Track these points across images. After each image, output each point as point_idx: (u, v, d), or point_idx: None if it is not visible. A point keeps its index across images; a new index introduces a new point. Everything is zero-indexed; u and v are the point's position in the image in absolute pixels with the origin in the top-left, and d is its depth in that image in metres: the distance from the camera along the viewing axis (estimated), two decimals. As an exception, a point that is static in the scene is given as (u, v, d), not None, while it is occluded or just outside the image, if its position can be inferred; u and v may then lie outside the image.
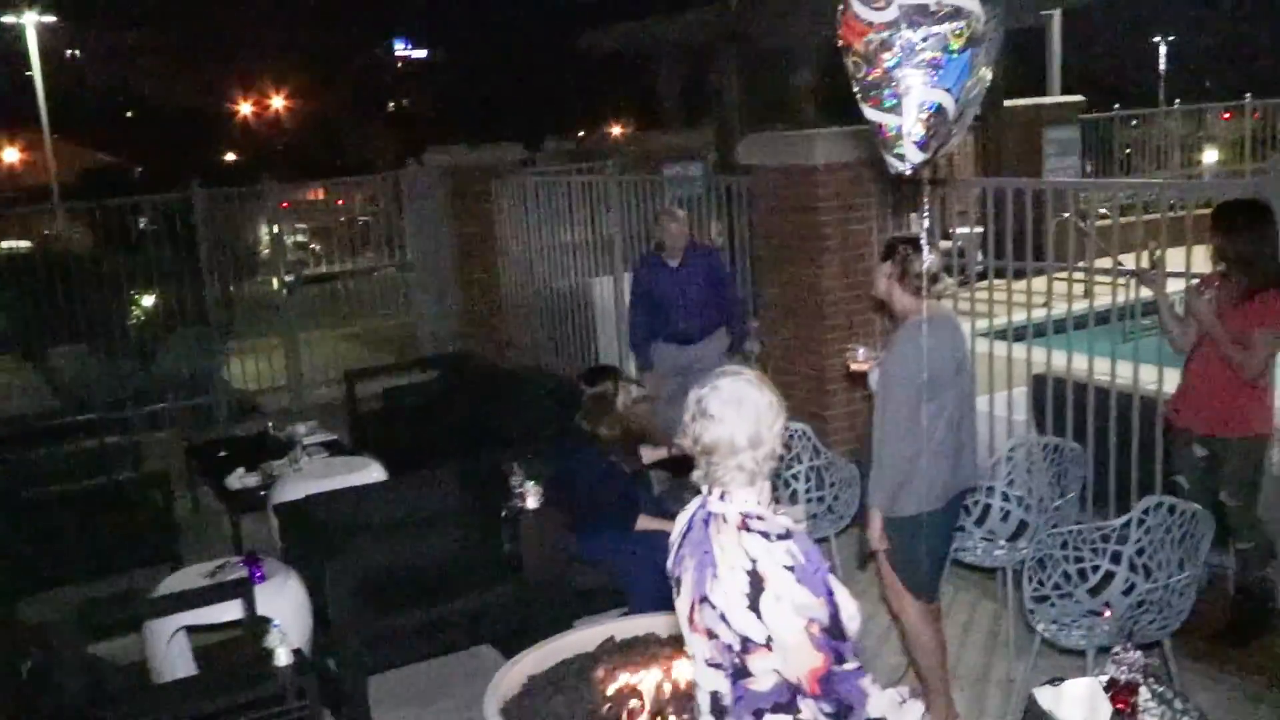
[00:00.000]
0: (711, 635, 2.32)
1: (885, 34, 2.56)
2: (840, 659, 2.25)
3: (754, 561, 2.25)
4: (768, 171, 6.62)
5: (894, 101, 2.62)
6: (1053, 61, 14.12)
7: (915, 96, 2.59)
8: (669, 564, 2.47)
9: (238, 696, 4.13)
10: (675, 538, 2.47)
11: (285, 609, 4.71)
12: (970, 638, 5.19)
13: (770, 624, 2.23)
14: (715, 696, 2.36)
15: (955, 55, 2.57)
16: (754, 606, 2.23)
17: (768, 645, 2.24)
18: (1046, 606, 4.33)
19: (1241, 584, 4.79)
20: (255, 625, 4.42)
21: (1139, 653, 3.33)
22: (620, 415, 5.45)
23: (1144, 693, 3.32)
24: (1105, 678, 3.35)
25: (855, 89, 2.73)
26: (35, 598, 5.91)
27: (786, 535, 2.29)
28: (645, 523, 5.25)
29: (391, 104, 53.93)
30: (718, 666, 2.34)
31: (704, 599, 2.31)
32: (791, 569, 2.23)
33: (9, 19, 29.62)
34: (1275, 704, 4.34)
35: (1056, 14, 13.81)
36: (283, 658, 4.21)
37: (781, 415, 2.40)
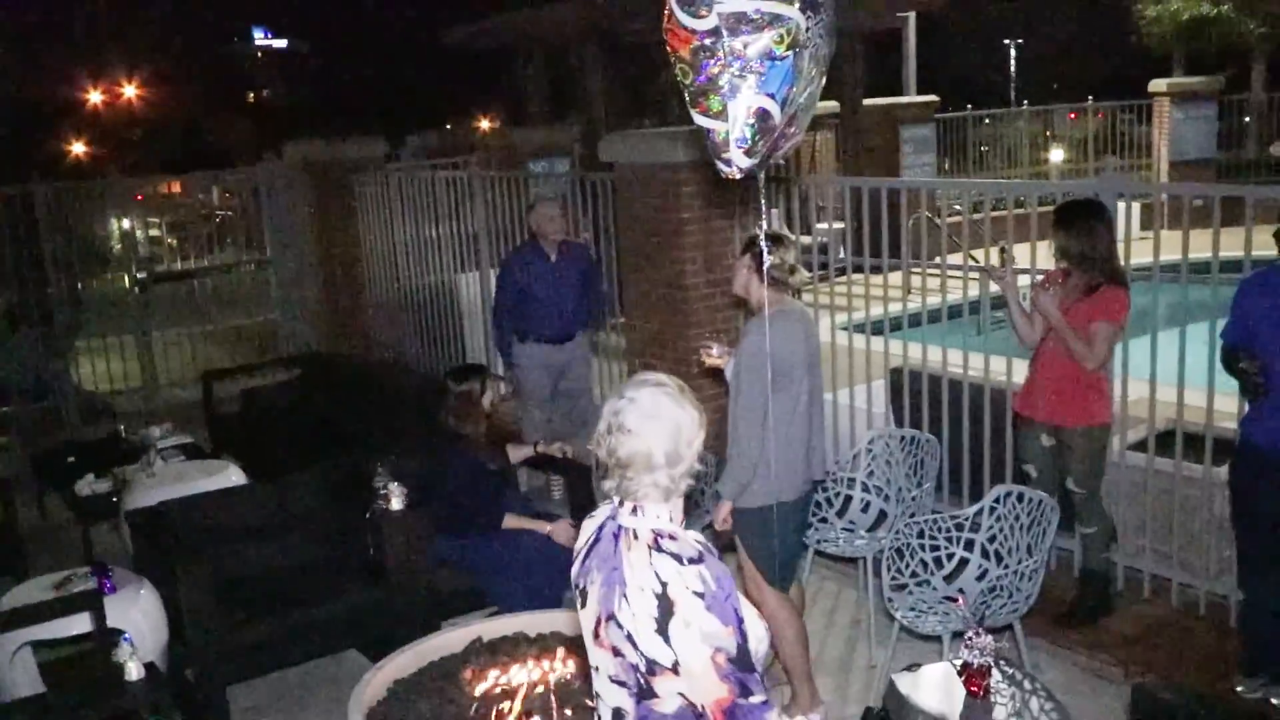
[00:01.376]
0: (617, 653, 2.26)
1: (708, 41, 2.59)
2: (746, 692, 2.21)
3: (664, 585, 2.19)
4: (631, 168, 6.64)
5: (720, 106, 2.65)
6: (908, 62, 14.55)
7: (740, 102, 2.63)
8: (573, 572, 2.40)
9: (87, 714, 3.98)
10: (581, 545, 2.40)
11: (138, 620, 4.55)
12: (833, 626, 5.31)
13: (678, 650, 2.18)
14: (618, 713, 2.31)
15: (777, 62, 2.61)
16: (662, 631, 2.18)
17: (674, 669, 2.19)
18: (904, 594, 4.46)
19: (1085, 567, 5.01)
20: (105, 638, 4.26)
21: (990, 637, 3.45)
22: (486, 414, 5.41)
23: (996, 675, 3.45)
24: (959, 662, 3.46)
25: (686, 95, 2.76)
26: None
27: (699, 559, 2.22)
28: (512, 521, 5.23)
29: (251, 95, 52.46)
30: (622, 684, 2.29)
31: (611, 617, 2.25)
32: (701, 595, 2.18)
33: None
34: (1118, 679, 4.55)
35: (911, 16, 14.22)
36: (134, 672, 4.07)
37: (702, 431, 2.32)
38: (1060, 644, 4.80)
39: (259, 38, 57.30)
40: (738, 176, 2.74)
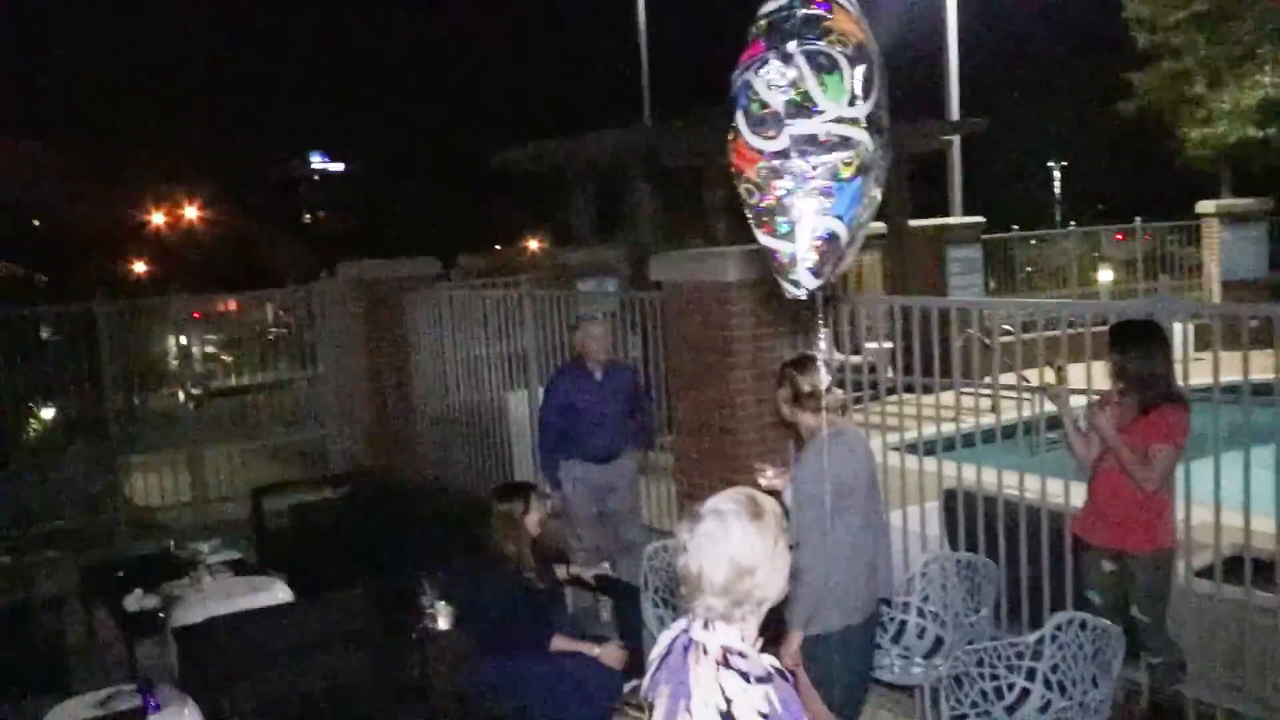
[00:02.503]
0: None
1: (776, 162, 2.62)
2: None
3: (729, 702, 2.16)
4: (680, 288, 6.70)
5: (787, 229, 2.66)
6: (954, 184, 14.69)
7: (808, 224, 2.64)
8: (644, 685, 2.37)
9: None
10: (654, 658, 2.38)
11: (181, 741, 4.49)
12: (889, 758, 5.13)
13: None
14: None
15: (845, 183, 2.63)
16: None
17: None
18: (965, 725, 4.30)
19: (1155, 700, 4.82)
20: (148, 759, 4.20)
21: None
22: (532, 533, 5.37)
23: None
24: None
25: (749, 215, 2.78)
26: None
27: (767, 678, 2.20)
28: (560, 643, 5.13)
29: (307, 216, 53.87)
30: None
31: None
32: (766, 716, 2.15)
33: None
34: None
35: (956, 139, 14.40)
36: (176, 794, 4.00)
37: (777, 558, 2.29)
38: (1129, 781, 4.60)
39: (316, 162, 59.09)
40: (803, 297, 2.75)
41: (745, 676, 2.18)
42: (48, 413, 11.16)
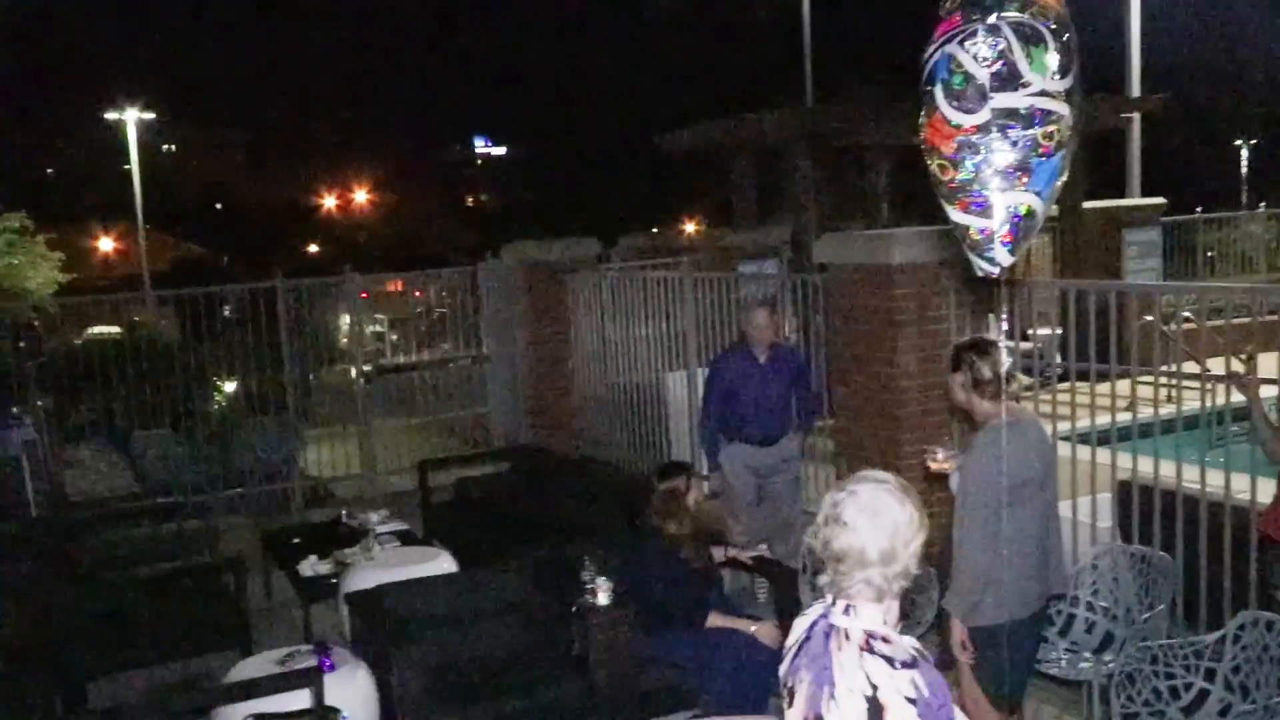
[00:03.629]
0: None
1: (974, 137, 2.55)
2: None
3: (875, 688, 2.13)
4: (844, 270, 6.61)
5: (983, 204, 2.59)
6: (1132, 163, 14.05)
7: (1005, 200, 2.57)
8: (782, 670, 2.36)
9: (304, 788, 4.09)
10: (792, 643, 2.36)
11: (354, 700, 4.68)
12: (1054, 754, 4.98)
13: None
14: None
15: (1044, 159, 2.55)
16: None
17: None
18: (1137, 724, 4.14)
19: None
20: (324, 715, 4.39)
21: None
22: (691, 512, 5.39)
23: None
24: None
25: (940, 191, 2.71)
26: (106, 680, 5.94)
27: (912, 663, 2.16)
28: (716, 619, 5.16)
29: (470, 199, 55.11)
30: None
31: (818, 718, 2.20)
32: (914, 701, 2.12)
33: (112, 115, 30.98)
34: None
35: (1136, 116, 13.77)
36: (350, 750, 4.17)
37: (922, 532, 2.27)
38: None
39: (480, 145, 60.39)
40: (995, 274, 2.68)
41: (890, 661, 2.15)
42: (230, 386, 11.73)
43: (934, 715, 2.11)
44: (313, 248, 42.02)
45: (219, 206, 46.44)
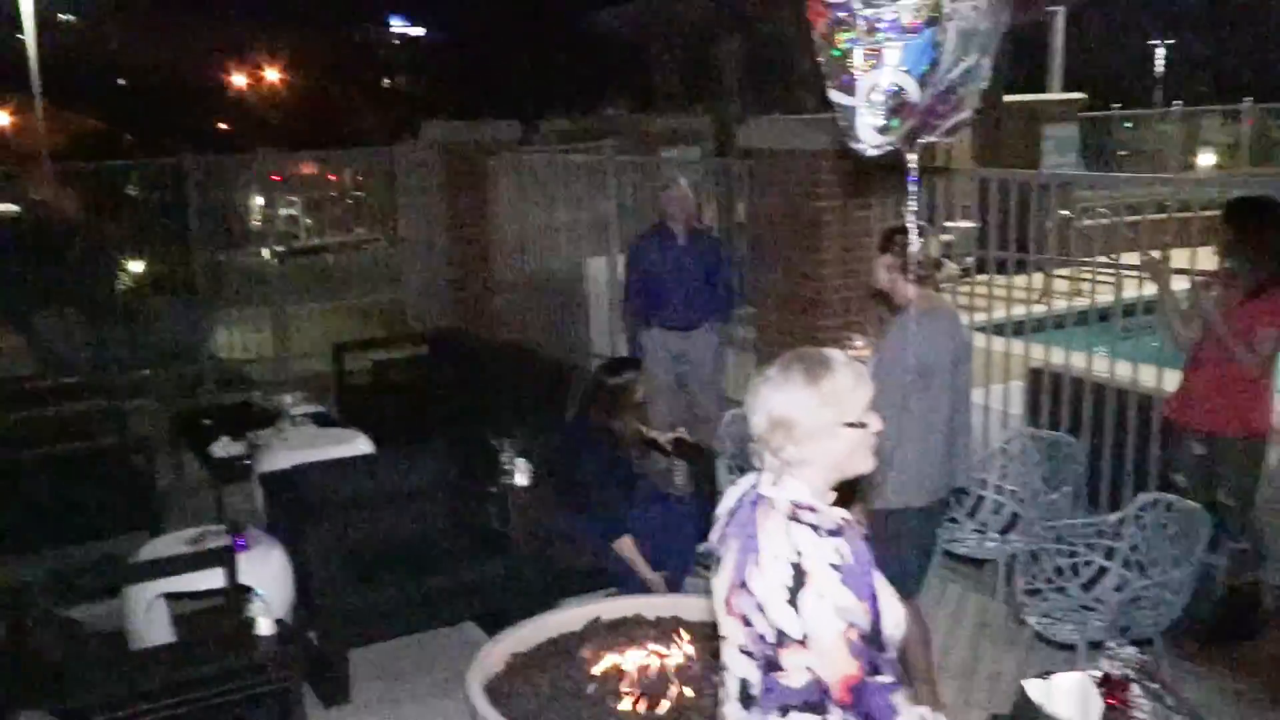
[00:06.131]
0: (746, 622, 2.22)
1: (842, 13, 2.49)
2: (875, 670, 2.16)
3: (799, 555, 2.15)
4: (770, 155, 6.55)
5: (849, 82, 2.54)
6: (1055, 58, 14.09)
7: (870, 78, 2.52)
8: (712, 539, 2.38)
9: (218, 665, 4.07)
10: (721, 513, 2.39)
11: (268, 579, 4.64)
12: (959, 630, 5.15)
13: (808, 622, 2.13)
14: (744, 684, 2.27)
15: (912, 34, 2.49)
16: (793, 601, 2.13)
17: (803, 642, 2.14)
18: (1038, 600, 4.30)
19: (1232, 584, 4.76)
20: (237, 594, 4.35)
21: (1133, 649, 3.29)
22: (639, 409, 5.36)
23: (1135, 689, 3.29)
24: (1097, 673, 3.31)
25: (823, 71, 2.66)
26: (12, 561, 5.82)
27: (837, 531, 2.18)
28: (626, 547, 5.08)
29: (387, 80, 53.59)
30: (749, 655, 2.24)
31: (743, 585, 2.21)
32: (838, 568, 2.14)
33: (2, -20, 29.30)
34: (1261, 703, 4.31)
35: (1060, 11, 13.77)
36: (264, 627, 4.15)
37: (854, 409, 2.26)
38: (1202, 663, 4.57)
39: (396, 24, 58.52)
40: (870, 155, 2.63)
41: (816, 530, 2.17)
42: (136, 266, 11.39)
43: (857, 580, 2.15)
44: (223, 126, 40.64)
45: (122, 82, 44.54)
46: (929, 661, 4.25)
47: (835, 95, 2.61)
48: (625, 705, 3.81)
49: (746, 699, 2.27)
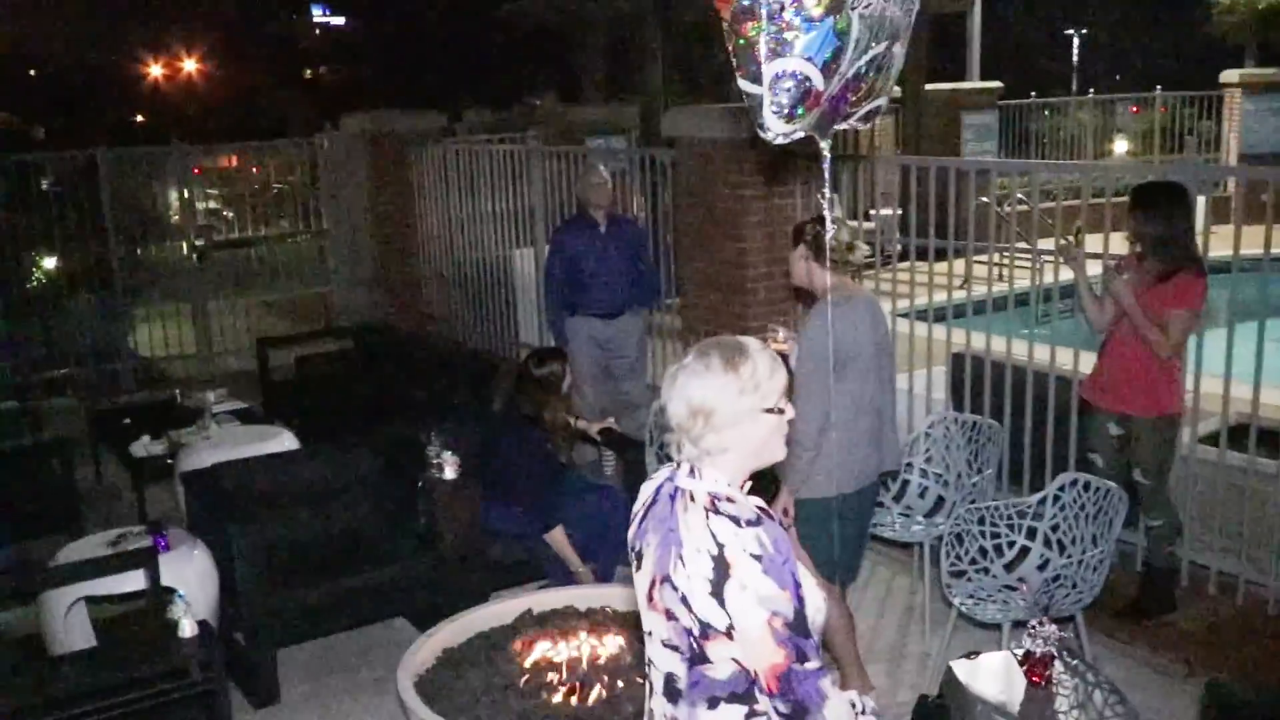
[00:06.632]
0: (671, 617, 2.22)
1: (747, 2, 2.50)
2: (802, 657, 2.16)
3: (720, 547, 2.14)
4: (693, 143, 6.56)
5: (756, 71, 2.56)
6: (973, 47, 14.31)
7: (774, 66, 2.54)
8: (630, 535, 2.36)
9: (140, 669, 3.99)
10: (639, 507, 2.37)
11: (191, 580, 4.56)
12: (886, 613, 5.23)
13: (733, 613, 2.13)
14: (670, 678, 2.27)
15: (815, 22, 2.51)
16: (717, 593, 2.13)
17: (728, 634, 2.15)
18: (963, 581, 4.36)
19: (1150, 560, 4.89)
20: (159, 596, 4.27)
21: (1055, 626, 3.36)
22: (566, 401, 5.34)
23: (1058, 665, 3.36)
24: (1021, 651, 3.38)
25: (732, 59, 2.67)
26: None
27: (756, 521, 2.18)
28: (558, 538, 5.07)
29: (308, 72, 52.75)
30: (674, 649, 2.24)
31: (665, 579, 2.21)
32: (759, 558, 2.13)
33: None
34: (1179, 677, 4.43)
35: (978, 1, 13.98)
36: (187, 629, 4.07)
37: (772, 394, 2.26)
38: (1121, 639, 4.69)
39: (317, 15, 57.60)
40: (778, 142, 2.65)
41: (736, 521, 2.17)
42: (50, 262, 11.10)
43: (778, 569, 2.15)
44: (139, 119, 39.72)
45: (32, 73, 43.34)
46: (853, 644, 4.30)
47: (743, 84, 2.62)
48: (558, 697, 3.81)
49: (673, 693, 2.27)
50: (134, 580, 4.37)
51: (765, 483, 2.38)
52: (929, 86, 12.33)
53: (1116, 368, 4.67)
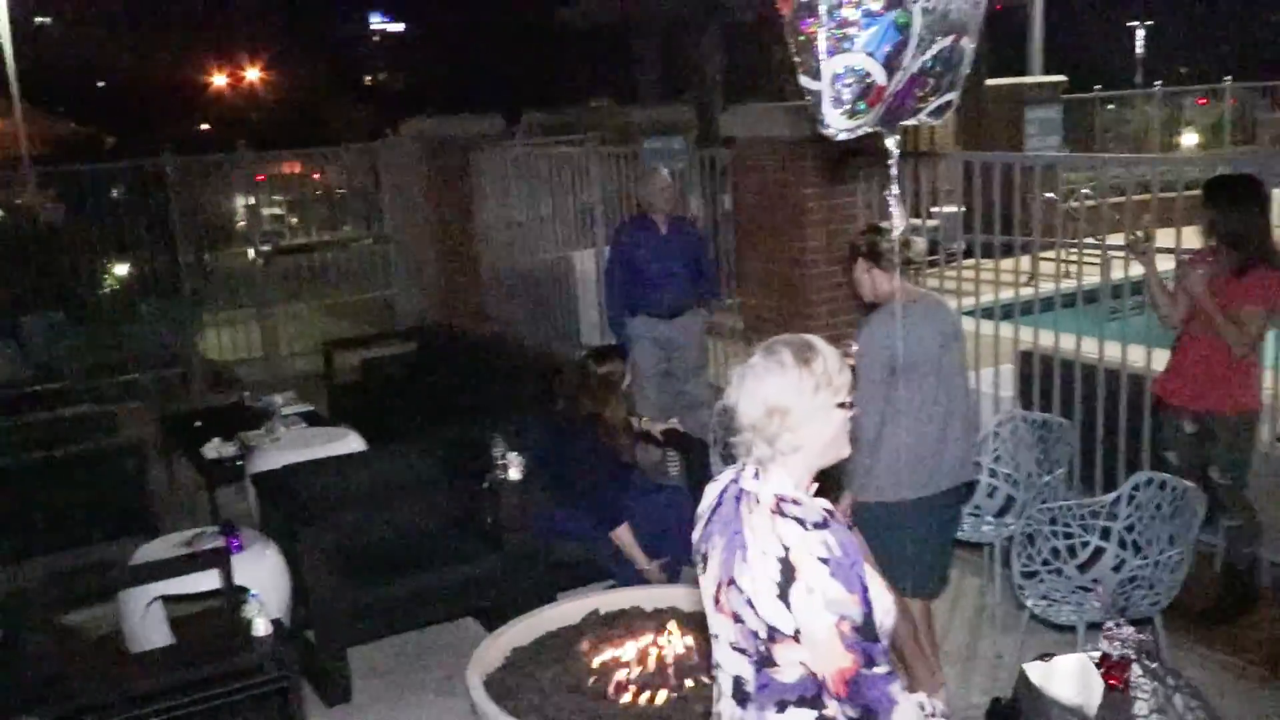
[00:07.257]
0: (737, 619, 2.20)
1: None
2: (871, 662, 2.13)
3: (787, 549, 2.12)
4: (751, 143, 6.54)
5: (817, 67, 2.53)
6: (1034, 40, 14.10)
7: (835, 61, 2.51)
8: (695, 537, 2.35)
9: (215, 667, 4.04)
10: (703, 510, 2.35)
11: (263, 579, 4.62)
12: (957, 614, 5.16)
13: (799, 617, 2.11)
14: (738, 681, 2.25)
15: (876, 17, 2.48)
16: (784, 596, 2.11)
17: (795, 637, 2.12)
18: (1035, 582, 4.30)
19: (1229, 561, 4.79)
20: (232, 595, 4.33)
21: (1132, 628, 3.30)
22: (627, 398, 5.35)
23: (1136, 669, 3.30)
24: (1097, 653, 3.32)
25: (793, 56, 2.65)
26: (5, 568, 5.78)
27: (823, 524, 2.15)
28: (624, 535, 5.08)
29: (368, 78, 53.37)
30: (742, 651, 2.22)
31: (732, 581, 2.19)
32: (826, 561, 2.11)
33: (-24, -16, 29.04)
34: (1261, 679, 4.33)
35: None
36: (261, 628, 4.12)
37: (843, 389, 2.24)
38: (1200, 642, 4.59)
39: (376, 21, 58.23)
40: (841, 139, 2.62)
41: (802, 523, 2.15)
42: (121, 269, 11.33)
43: (845, 572, 2.12)
44: (204, 127, 40.40)
45: (101, 85, 44.22)
46: (916, 643, 4.21)
47: (804, 81, 2.60)
48: (625, 698, 3.81)
49: (741, 696, 2.25)
50: (209, 580, 4.45)
51: (826, 485, 2.35)
52: (990, 81, 12.16)
53: (1191, 365, 4.58)
